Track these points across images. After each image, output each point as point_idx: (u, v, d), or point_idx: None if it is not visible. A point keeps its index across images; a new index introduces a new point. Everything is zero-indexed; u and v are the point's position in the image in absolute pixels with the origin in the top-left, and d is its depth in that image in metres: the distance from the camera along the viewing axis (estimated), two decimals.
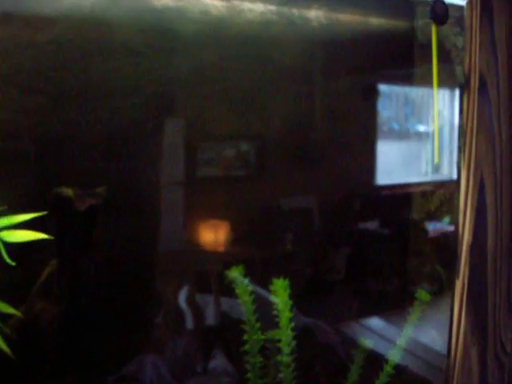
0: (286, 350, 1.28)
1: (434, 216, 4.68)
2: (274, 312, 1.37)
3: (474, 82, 1.03)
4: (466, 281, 1.08)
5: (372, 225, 4.53)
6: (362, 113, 3.57)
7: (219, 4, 1.29)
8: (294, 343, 1.37)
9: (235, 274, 1.38)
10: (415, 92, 5.06)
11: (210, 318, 3.48)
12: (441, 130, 5.04)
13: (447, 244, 4.54)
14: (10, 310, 0.84)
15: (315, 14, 1.54)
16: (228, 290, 3.14)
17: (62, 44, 1.20)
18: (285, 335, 1.28)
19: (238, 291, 1.37)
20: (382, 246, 4.43)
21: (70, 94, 1.29)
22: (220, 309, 3.39)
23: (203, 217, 3.38)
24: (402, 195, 4.68)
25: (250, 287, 2.92)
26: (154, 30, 1.38)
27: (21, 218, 0.78)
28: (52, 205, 1.24)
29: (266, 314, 2.41)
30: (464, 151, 1.04)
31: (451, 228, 4.68)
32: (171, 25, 1.37)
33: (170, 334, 2.80)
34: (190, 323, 3.28)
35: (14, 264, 0.77)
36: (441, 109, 5.19)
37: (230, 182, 3.45)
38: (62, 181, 1.31)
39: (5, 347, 0.82)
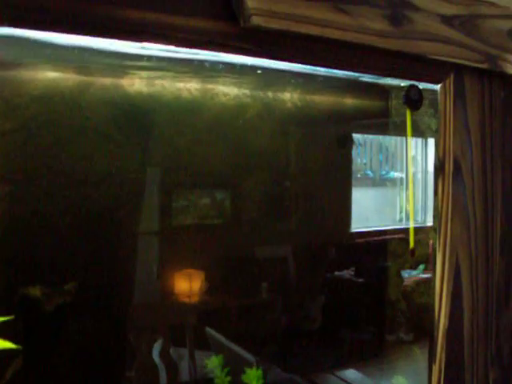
0: None
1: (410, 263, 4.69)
2: None
3: (449, 167, 1.03)
4: (442, 366, 1.06)
5: (347, 273, 4.52)
6: (336, 166, 3.59)
7: (193, 88, 1.29)
8: None
9: (215, 364, 1.35)
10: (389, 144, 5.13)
11: (185, 372, 3.39)
12: (414, 176, 5.09)
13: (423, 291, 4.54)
14: None
15: (290, 96, 1.55)
16: (203, 342, 3.07)
17: (31, 131, 1.19)
18: None
19: (217, 381, 1.33)
20: (357, 294, 4.41)
21: (39, 182, 1.27)
22: (195, 362, 3.31)
23: (177, 267, 3.33)
24: (376, 242, 4.69)
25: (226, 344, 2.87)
26: (128, 116, 1.37)
27: None
28: (19, 306, 1.19)
29: (237, 366, 2.37)
30: (439, 235, 1.03)
31: (426, 275, 4.69)
32: (144, 110, 1.36)
33: None
34: (164, 378, 3.20)
35: None
36: (414, 154, 5.25)
37: (205, 231, 3.42)
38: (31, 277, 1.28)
39: None
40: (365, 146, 5.59)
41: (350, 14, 0.86)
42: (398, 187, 5.31)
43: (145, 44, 0.78)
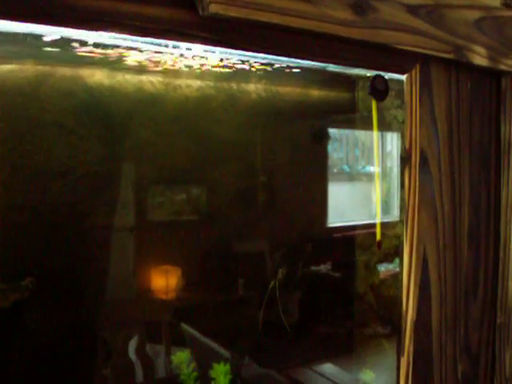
0: None
1: (386, 257, 4.71)
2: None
3: (415, 158, 1.02)
4: (410, 358, 1.05)
5: (324, 267, 4.52)
6: (312, 159, 3.58)
7: (155, 80, 1.26)
8: None
9: (181, 359, 1.34)
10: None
11: (161, 369, 3.37)
12: (391, 170, 5.11)
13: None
14: None
15: (254, 87, 1.54)
16: (180, 339, 3.05)
17: None
18: None
19: (182, 377, 1.32)
20: (333, 288, 4.42)
21: None
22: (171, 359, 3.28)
23: (153, 263, 3.30)
24: (353, 237, 4.70)
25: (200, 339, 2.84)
26: (87, 108, 1.35)
27: None
28: None
29: (209, 361, 2.35)
30: (406, 227, 1.02)
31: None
32: (105, 102, 1.34)
33: None
34: (140, 374, 3.18)
35: None
36: (390, 150, 5.27)
37: (181, 227, 3.39)
38: None
39: None
40: (341, 141, 5.60)
41: (313, 2, 0.84)
42: (374, 182, 5.33)
43: (101, 33, 0.75)
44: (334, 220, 4.72)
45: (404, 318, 1.05)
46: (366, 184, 5.51)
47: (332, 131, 4.53)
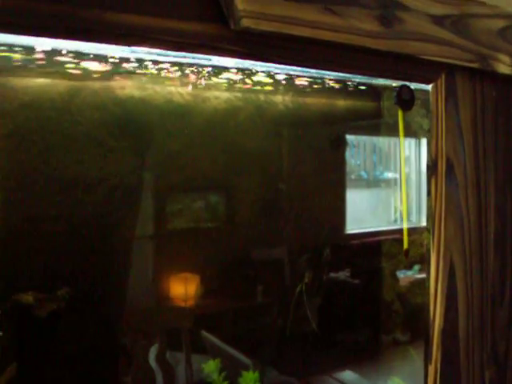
0: None
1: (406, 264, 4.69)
2: None
3: (441, 166, 1.03)
4: (438, 366, 1.06)
5: (343, 274, 4.52)
6: (331, 166, 3.59)
7: (184, 92, 1.29)
8: None
9: (212, 368, 1.35)
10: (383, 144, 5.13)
11: (181, 376, 3.38)
12: (409, 177, 5.10)
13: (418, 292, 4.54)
14: None
15: (281, 99, 1.57)
16: (200, 346, 3.06)
17: (23, 137, 1.19)
18: None
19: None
20: (353, 295, 4.41)
21: (32, 188, 1.27)
22: (192, 366, 3.30)
23: (173, 271, 3.32)
24: (371, 243, 4.69)
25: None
26: (119, 121, 1.38)
27: None
28: (10, 313, 1.18)
29: (234, 370, 2.36)
30: (433, 235, 1.03)
31: (421, 276, 4.70)
32: (136, 115, 1.37)
33: None
34: (160, 382, 3.19)
35: None
36: (407, 155, 5.26)
37: (200, 234, 3.41)
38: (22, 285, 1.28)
39: None
40: (358, 147, 5.59)
41: (341, 15, 0.86)
42: (392, 188, 5.32)
43: (134, 48, 0.78)
44: (353, 226, 4.71)
45: (431, 326, 1.06)
46: (384, 190, 5.49)
47: (349, 137, 4.53)
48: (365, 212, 5.07)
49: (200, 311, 3.56)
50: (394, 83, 1.02)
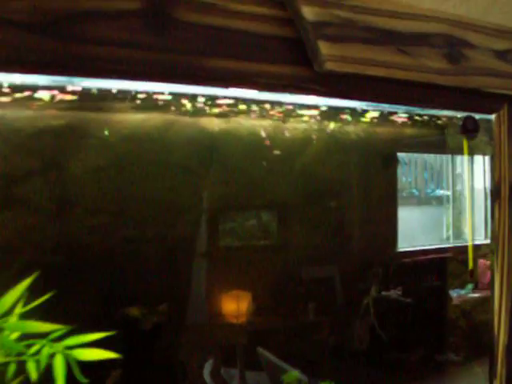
0: None
1: (458, 282, 4.68)
2: None
3: (504, 192, 1.10)
4: (503, 381, 1.12)
5: (394, 292, 4.53)
6: (382, 186, 3.65)
7: (266, 124, 1.41)
8: None
9: (292, 378, 1.45)
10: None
11: None
12: (461, 193, 5.10)
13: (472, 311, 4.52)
14: None
15: (354, 129, 1.67)
16: (253, 363, 3.14)
17: (123, 167, 1.32)
18: None
19: None
20: (405, 313, 4.42)
21: (130, 212, 1.40)
22: (245, 382, 3.38)
23: (226, 288, 3.42)
24: (423, 261, 4.70)
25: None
26: (207, 151, 1.50)
27: (91, 337, 0.84)
28: (122, 325, 1.31)
29: None
30: (497, 256, 1.10)
31: (475, 294, 4.67)
32: (222, 145, 1.49)
33: None
34: None
35: (86, 382, 0.83)
36: (459, 172, 5.26)
37: (252, 252, 3.51)
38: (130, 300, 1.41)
39: None
40: (409, 165, 5.60)
41: (412, 54, 0.95)
42: (443, 205, 5.32)
43: (231, 89, 0.89)
44: (405, 244, 4.74)
45: (496, 343, 1.13)
46: (436, 208, 5.49)
47: (401, 155, 4.58)
48: (417, 229, 5.09)
49: (253, 328, 3.65)
50: (459, 114, 1.11)
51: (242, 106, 1.24)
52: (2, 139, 1.14)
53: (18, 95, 0.99)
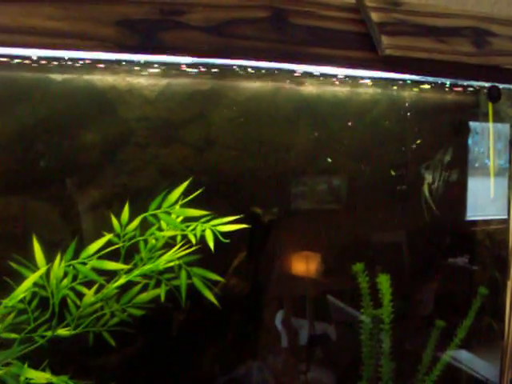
0: (387, 320, 1.95)
1: None
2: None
3: None
4: None
5: (461, 260, 4.96)
6: (453, 150, 4.08)
7: (344, 90, 2.01)
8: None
9: (359, 267, 2.06)
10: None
11: (304, 339, 4.00)
12: None
13: None
14: (218, 278, 1.52)
15: (408, 94, 2.24)
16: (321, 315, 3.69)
17: (247, 117, 1.97)
18: (386, 310, 1.95)
19: (360, 280, 2.05)
20: (470, 281, 4.84)
21: (255, 147, 2.06)
22: (314, 330, 3.93)
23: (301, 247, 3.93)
24: (491, 231, 5.08)
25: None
26: (303, 108, 2.12)
27: (228, 219, 1.44)
28: (249, 218, 1.94)
29: (354, 329, 2.94)
30: None
31: None
32: (314, 105, 2.11)
33: (272, 348, 3.39)
34: (287, 341, 3.83)
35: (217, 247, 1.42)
36: None
37: (323, 216, 4.00)
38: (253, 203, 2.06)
39: (214, 300, 1.48)
40: (483, 135, 5.97)
41: (447, 42, 1.50)
42: None
43: (320, 67, 1.47)
44: (475, 214, 5.13)
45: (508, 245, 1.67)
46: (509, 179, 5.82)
47: (473, 125, 4.95)
48: (488, 200, 5.46)
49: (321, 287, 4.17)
50: (487, 84, 1.65)
51: (329, 79, 1.80)
52: (169, 98, 1.78)
53: (182, 69, 1.66)
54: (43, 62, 1.55)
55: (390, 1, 1.47)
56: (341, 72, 1.62)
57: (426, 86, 2.02)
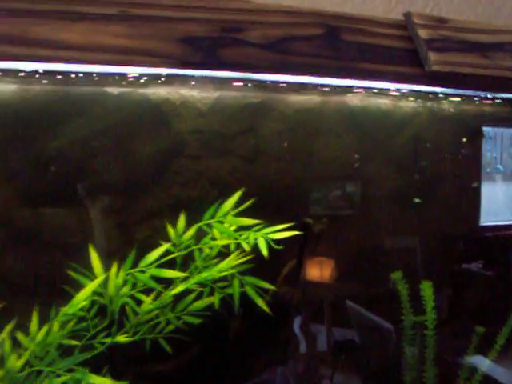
0: (431, 326, 2.06)
1: None
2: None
3: None
4: None
5: (476, 266, 5.03)
6: (465, 160, 4.17)
7: (387, 102, 2.11)
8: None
9: (397, 276, 2.16)
10: None
11: (323, 344, 4.08)
12: None
13: None
14: (269, 286, 1.60)
15: (447, 106, 2.33)
16: (340, 320, 3.77)
17: (296, 130, 2.07)
18: (430, 317, 2.06)
19: (399, 287, 2.16)
20: (485, 287, 4.90)
21: (297, 158, 2.16)
22: (333, 335, 4.01)
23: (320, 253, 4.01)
24: (506, 236, 5.16)
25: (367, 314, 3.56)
26: (348, 120, 2.23)
27: (280, 227, 1.53)
28: (300, 227, 2.04)
29: (374, 337, 3.02)
30: None
31: None
32: (359, 116, 2.22)
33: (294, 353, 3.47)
34: (306, 346, 3.90)
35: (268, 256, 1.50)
36: None
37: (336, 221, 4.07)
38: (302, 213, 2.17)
39: (266, 308, 1.56)
40: (495, 139, 6.06)
41: (491, 58, 1.59)
42: None
43: (367, 82, 1.56)
44: (488, 219, 5.21)
45: None
46: None
47: (486, 130, 5.03)
48: (500, 205, 5.54)
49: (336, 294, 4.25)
50: None
51: (375, 92, 1.92)
52: (219, 111, 1.91)
53: (232, 84, 1.80)
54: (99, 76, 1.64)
55: (437, 18, 1.56)
56: (387, 86, 1.71)
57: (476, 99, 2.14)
